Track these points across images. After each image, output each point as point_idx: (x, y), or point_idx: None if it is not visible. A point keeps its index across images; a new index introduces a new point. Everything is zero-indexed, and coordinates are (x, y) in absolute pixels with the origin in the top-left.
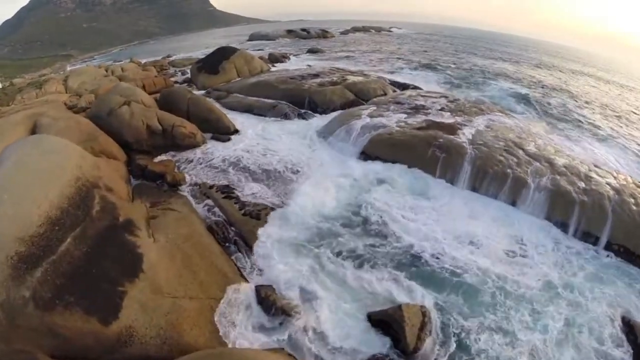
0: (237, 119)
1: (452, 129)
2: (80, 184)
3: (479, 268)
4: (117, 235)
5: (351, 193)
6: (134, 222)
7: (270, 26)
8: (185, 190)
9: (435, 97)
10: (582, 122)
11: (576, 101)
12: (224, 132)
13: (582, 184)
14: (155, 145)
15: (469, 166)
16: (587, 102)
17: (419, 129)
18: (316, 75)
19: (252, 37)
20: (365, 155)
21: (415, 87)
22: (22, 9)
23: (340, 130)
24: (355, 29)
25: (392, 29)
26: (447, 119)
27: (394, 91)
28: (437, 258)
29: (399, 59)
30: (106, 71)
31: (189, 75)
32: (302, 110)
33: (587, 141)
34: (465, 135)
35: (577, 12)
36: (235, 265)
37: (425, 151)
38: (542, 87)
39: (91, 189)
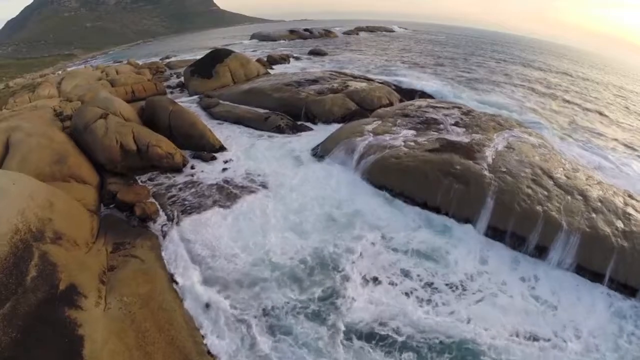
0: (224, 133)
1: (469, 151)
2: (17, 239)
3: None
4: (54, 311)
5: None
6: (78, 287)
7: (274, 26)
8: (157, 226)
9: (447, 108)
10: (602, 134)
11: (589, 111)
12: (209, 150)
13: (620, 224)
14: (131, 166)
15: (491, 202)
16: (601, 114)
17: (431, 151)
18: (315, 81)
19: (254, 37)
20: (368, 182)
21: (423, 94)
22: (27, 8)
23: (339, 150)
24: (359, 29)
25: (395, 29)
26: (462, 136)
27: (401, 100)
28: None
29: (405, 61)
30: (102, 73)
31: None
32: (298, 122)
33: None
34: (485, 159)
35: (583, 10)
36: (202, 337)
37: (439, 182)
38: (553, 94)
39: (30, 245)
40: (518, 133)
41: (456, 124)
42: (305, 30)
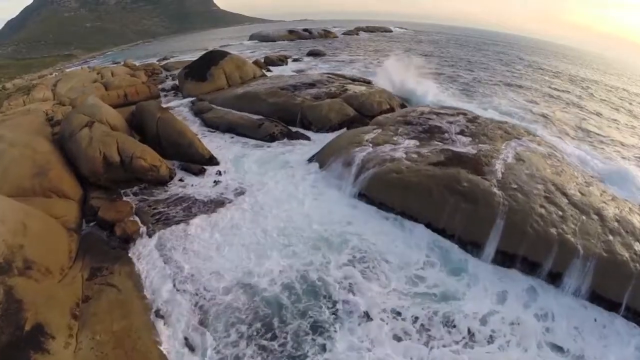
0: (215, 142)
1: (477, 164)
2: None
3: None
4: (18, 357)
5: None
6: (46, 327)
7: (274, 26)
8: (137, 248)
9: (452, 115)
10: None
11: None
12: (197, 160)
13: (638, 247)
14: (115, 179)
15: (502, 223)
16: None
17: (436, 164)
18: (312, 85)
19: (252, 38)
20: (366, 198)
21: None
22: (26, 8)
23: (336, 162)
24: (359, 29)
25: (393, 29)
26: (468, 147)
27: (402, 105)
28: None
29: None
30: (97, 75)
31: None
32: (294, 129)
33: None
34: (494, 173)
35: (580, 8)
36: None
37: (445, 200)
38: (559, 97)
39: None
40: (526, 142)
41: (462, 133)
42: (305, 30)
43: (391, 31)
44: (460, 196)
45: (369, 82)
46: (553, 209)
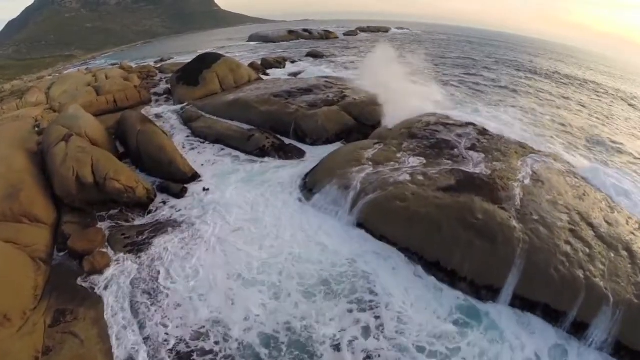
0: (202, 156)
1: (492, 189)
2: None
3: None
4: None
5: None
6: None
7: (274, 26)
8: (107, 287)
9: (461, 127)
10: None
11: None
12: (179, 178)
13: None
14: (90, 201)
15: (522, 264)
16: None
17: (446, 190)
18: (308, 91)
19: (252, 39)
20: (365, 229)
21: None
22: (28, 8)
23: (332, 185)
24: (360, 30)
25: (399, 29)
26: (481, 165)
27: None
28: None
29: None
30: (93, 77)
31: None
32: (287, 141)
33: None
34: (512, 200)
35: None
36: None
37: (457, 237)
38: (566, 106)
39: None
40: (543, 158)
41: (473, 148)
42: (305, 31)
43: (385, 31)
44: (474, 232)
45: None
46: (579, 245)
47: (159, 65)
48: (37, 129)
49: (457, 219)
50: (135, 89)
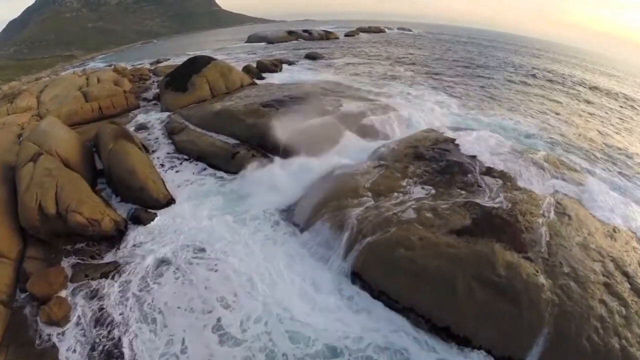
0: (180, 175)
1: (514, 230)
2: None
3: None
4: None
5: None
6: None
7: (274, 26)
8: (65, 343)
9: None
10: None
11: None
12: (152, 206)
13: None
14: (55, 233)
15: (550, 331)
16: None
17: (460, 233)
18: (301, 99)
19: (250, 39)
20: (361, 281)
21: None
22: (28, 8)
23: (322, 223)
24: (361, 30)
25: (394, 30)
26: (500, 197)
27: (408, 126)
28: None
29: (412, 70)
30: (86, 80)
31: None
32: (275, 159)
33: None
34: (537, 245)
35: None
36: None
37: (473, 299)
38: (577, 112)
39: None
40: (565, 183)
41: (488, 173)
42: (305, 31)
43: (383, 32)
44: (494, 292)
45: (368, 98)
46: (615, 304)
47: (153, 68)
48: (21, 138)
49: (474, 277)
50: (124, 94)
